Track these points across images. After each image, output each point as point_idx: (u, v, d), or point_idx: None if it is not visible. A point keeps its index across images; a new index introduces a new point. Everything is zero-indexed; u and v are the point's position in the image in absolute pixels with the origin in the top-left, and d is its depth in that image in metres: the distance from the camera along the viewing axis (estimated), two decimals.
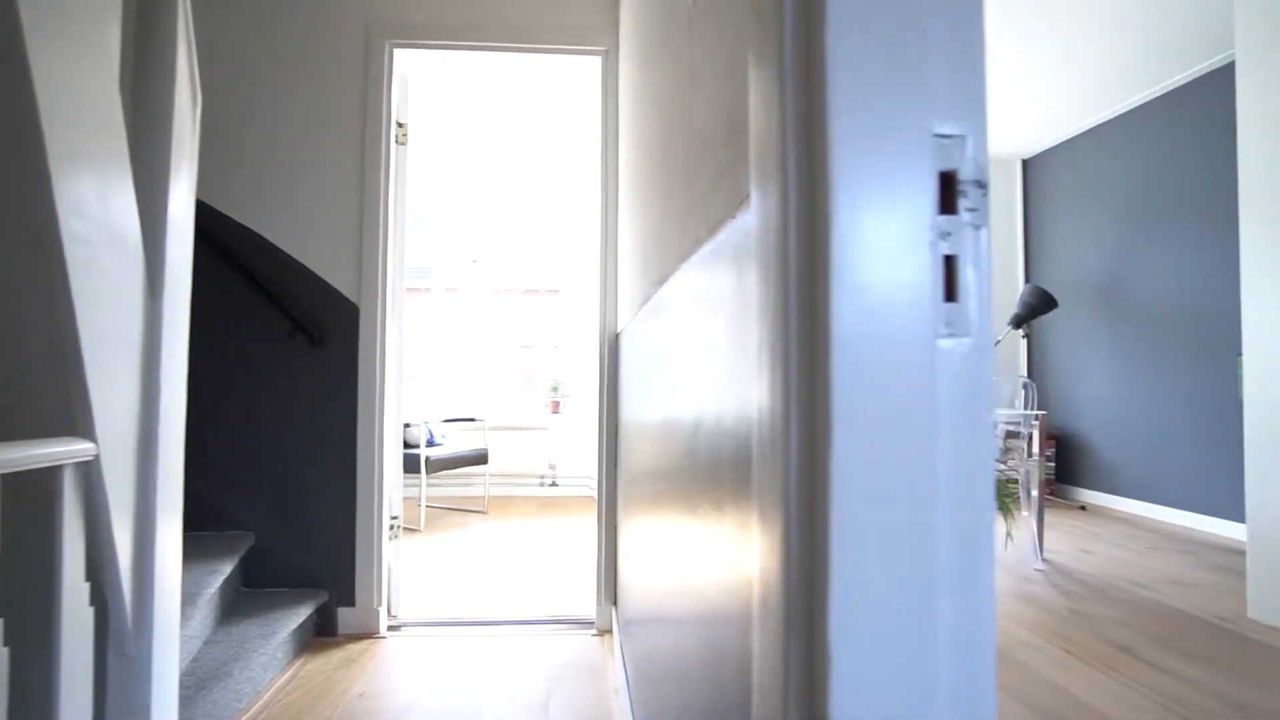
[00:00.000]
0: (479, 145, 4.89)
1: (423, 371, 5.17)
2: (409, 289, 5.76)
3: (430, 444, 4.29)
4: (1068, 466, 4.72)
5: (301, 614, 2.04)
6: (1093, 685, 1.90)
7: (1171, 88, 3.96)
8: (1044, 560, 3.14)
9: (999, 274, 5.22)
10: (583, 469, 4.97)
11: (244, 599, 2.08)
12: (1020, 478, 3.21)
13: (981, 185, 0.41)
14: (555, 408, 5.07)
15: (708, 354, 0.69)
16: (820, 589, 0.37)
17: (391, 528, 2.40)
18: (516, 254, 5.28)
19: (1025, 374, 5.13)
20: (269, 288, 2.28)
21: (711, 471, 0.67)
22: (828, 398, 0.37)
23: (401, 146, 2.50)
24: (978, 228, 0.41)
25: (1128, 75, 3.85)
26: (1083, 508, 4.37)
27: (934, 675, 0.38)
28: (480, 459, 4.30)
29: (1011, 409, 3.74)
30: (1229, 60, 3.55)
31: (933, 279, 0.39)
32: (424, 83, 4.05)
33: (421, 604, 2.56)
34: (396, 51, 2.40)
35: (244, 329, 2.30)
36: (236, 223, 2.30)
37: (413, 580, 2.86)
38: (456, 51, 2.43)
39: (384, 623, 2.29)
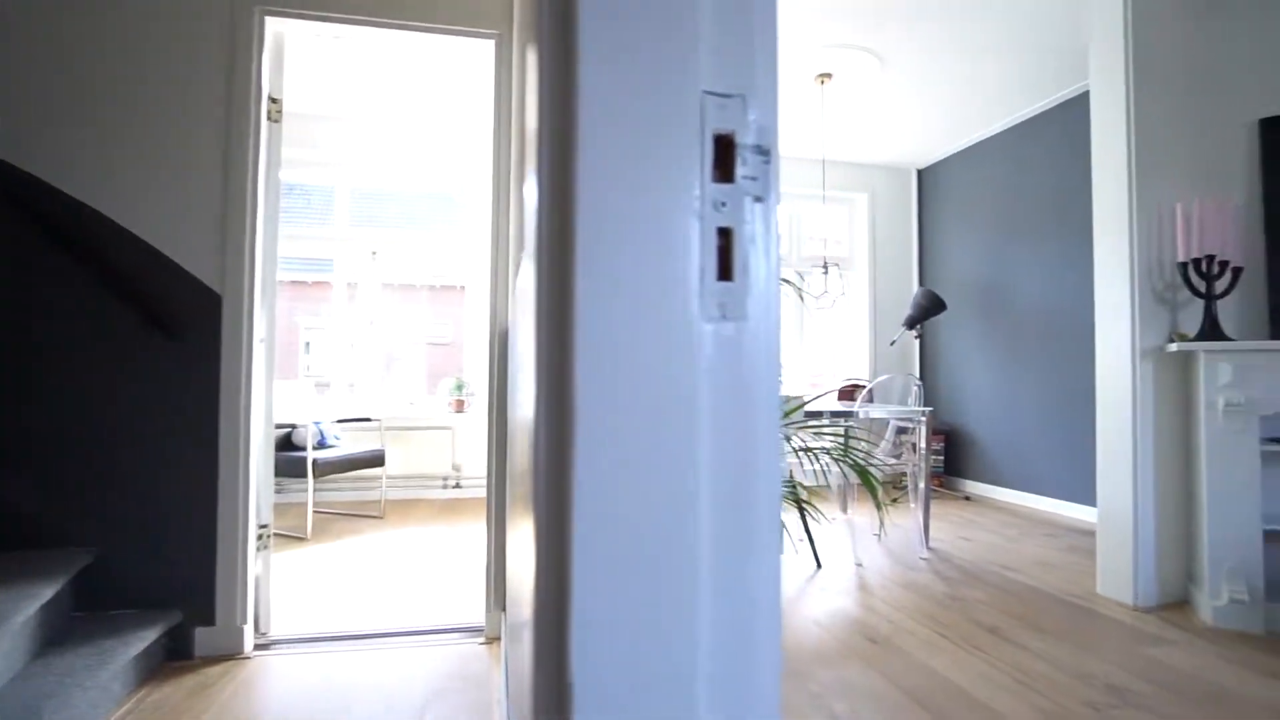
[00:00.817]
0: (380, 132, 4.65)
1: (323, 370, 4.84)
2: (314, 282, 5.42)
3: (321, 446, 4.02)
4: (956, 459, 5.02)
5: (147, 637, 1.83)
6: (961, 666, 2.00)
7: (1041, 110, 4.28)
8: (929, 549, 3.30)
9: (896, 279, 5.49)
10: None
11: (76, 625, 1.85)
12: (909, 471, 3.36)
13: (763, 151, 0.38)
14: (459, 406, 4.89)
15: (523, 347, 0.64)
16: (564, 601, 0.32)
17: (260, 537, 2.21)
18: (420, 248, 5.05)
19: (918, 373, 5.42)
20: (115, 275, 2.04)
21: (522, 472, 0.62)
22: (571, 392, 0.33)
23: (275, 124, 2.31)
24: (759, 199, 0.38)
25: (1007, 96, 4.13)
26: (967, 498, 4.66)
27: (693, 695, 0.34)
28: (376, 461, 4.08)
29: (905, 406, 3.92)
30: (1086, 89, 3.87)
31: (700, 254, 0.36)
32: (320, 63, 3.80)
33: (298, 619, 2.38)
34: (269, 20, 2.21)
35: (82, 320, 2.05)
36: (76, 201, 2.04)
37: (290, 593, 2.66)
38: (338, 25, 2.27)
39: (249, 641, 2.10)
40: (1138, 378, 2.51)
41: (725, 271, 0.37)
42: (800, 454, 1.64)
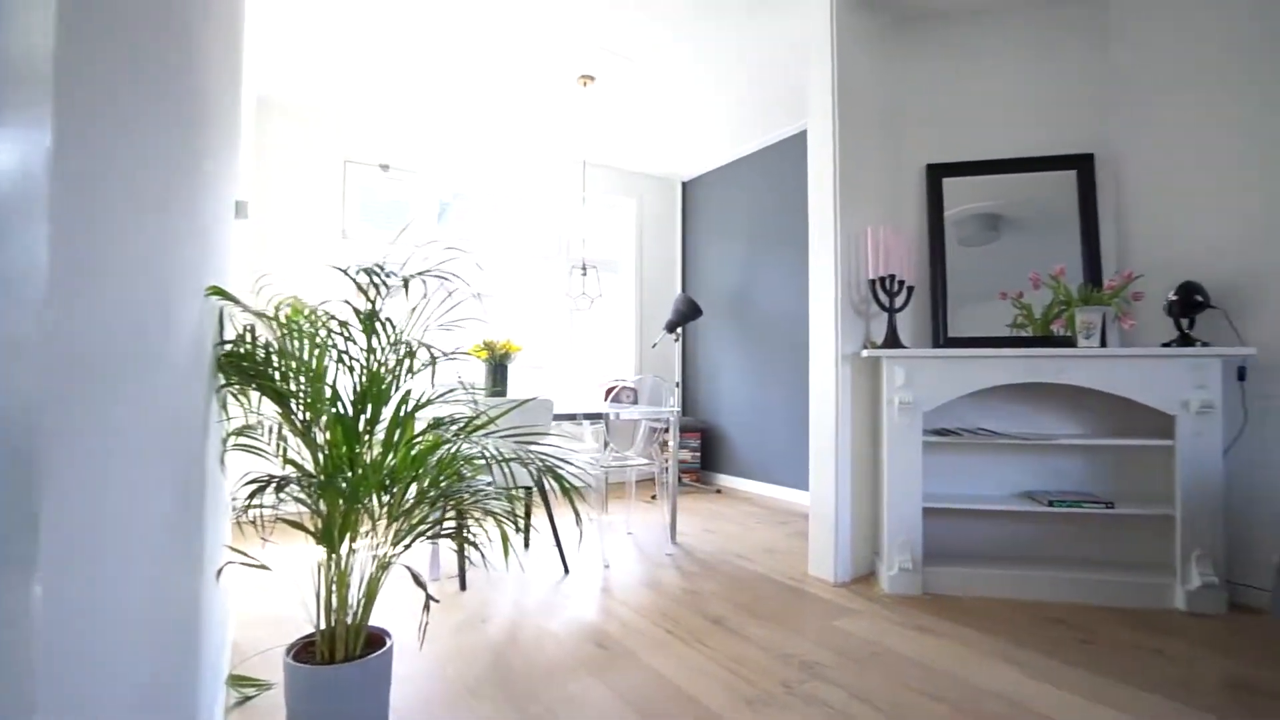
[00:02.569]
0: None
1: None
2: None
3: None
4: (711, 455, 5.39)
5: None
6: (682, 663, 2.05)
7: (787, 135, 4.76)
8: (675, 544, 3.45)
9: (661, 284, 5.75)
10: None
11: None
12: (656, 470, 3.48)
13: None
14: None
15: None
16: None
17: None
18: None
19: (679, 374, 5.73)
20: None
21: None
22: None
23: None
24: None
25: (758, 121, 4.50)
26: (719, 491, 5.02)
27: None
28: None
29: (658, 406, 4.06)
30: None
31: None
32: None
33: None
34: None
35: None
36: None
37: None
38: None
39: None
40: (840, 379, 2.84)
41: None
42: (495, 463, 1.52)
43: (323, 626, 1.51)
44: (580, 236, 5.13)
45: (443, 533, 1.69)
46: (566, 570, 2.99)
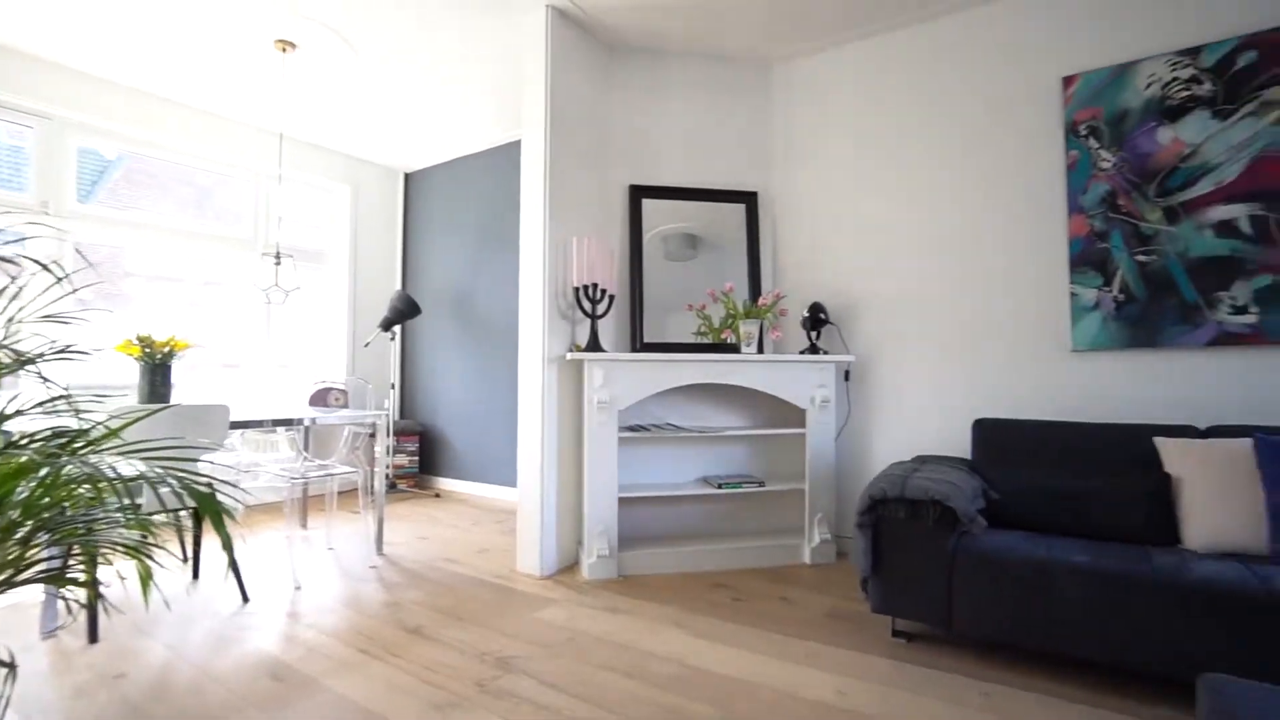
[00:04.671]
0: None
1: None
2: None
3: None
4: (430, 459, 5.20)
5: None
6: (371, 681, 1.95)
7: (513, 139, 4.81)
8: (381, 555, 3.25)
9: (380, 280, 5.37)
10: None
11: None
12: (359, 478, 3.24)
13: None
14: None
15: None
16: None
17: None
18: None
19: (398, 375, 5.42)
20: None
21: None
22: None
23: None
24: None
25: (491, 120, 4.46)
26: (437, 495, 4.87)
27: None
28: None
29: (370, 410, 3.79)
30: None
31: None
32: None
33: None
34: None
35: None
36: None
37: None
38: None
39: None
40: (546, 380, 2.98)
41: None
42: (149, 485, 1.30)
43: None
44: (277, 217, 4.53)
45: (40, 576, 1.36)
46: (245, 599, 2.62)
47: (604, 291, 3.09)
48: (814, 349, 3.24)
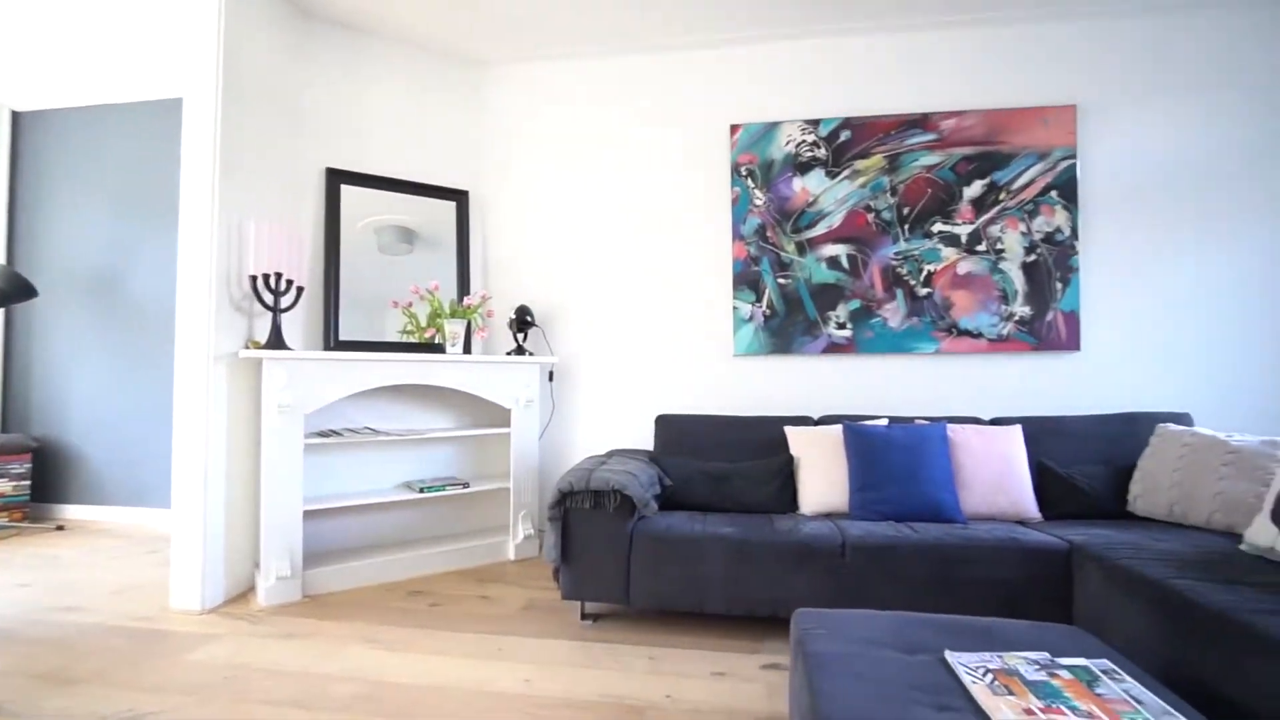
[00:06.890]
0: None
1: None
2: None
3: None
4: (51, 483, 4.08)
5: None
6: None
7: (173, 97, 4.00)
8: None
9: None
10: None
11: None
12: None
13: None
14: None
15: None
16: None
17: None
18: None
19: None
20: None
21: None
22: None
23: None
24: None
25: (147, 68, 3.61)
26: (60, 527, 3.84)
27: None
28: None
29: None
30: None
31: None
32: None
33: None
34: None
35: None
36: None
37: None
38: None
39: None
40: (213, 381, 2.56)
41: None
42: None
43: None
44: None
45: None
46: None
47: (289, 283, 2.77)
48: (520, 350, 3.33)
